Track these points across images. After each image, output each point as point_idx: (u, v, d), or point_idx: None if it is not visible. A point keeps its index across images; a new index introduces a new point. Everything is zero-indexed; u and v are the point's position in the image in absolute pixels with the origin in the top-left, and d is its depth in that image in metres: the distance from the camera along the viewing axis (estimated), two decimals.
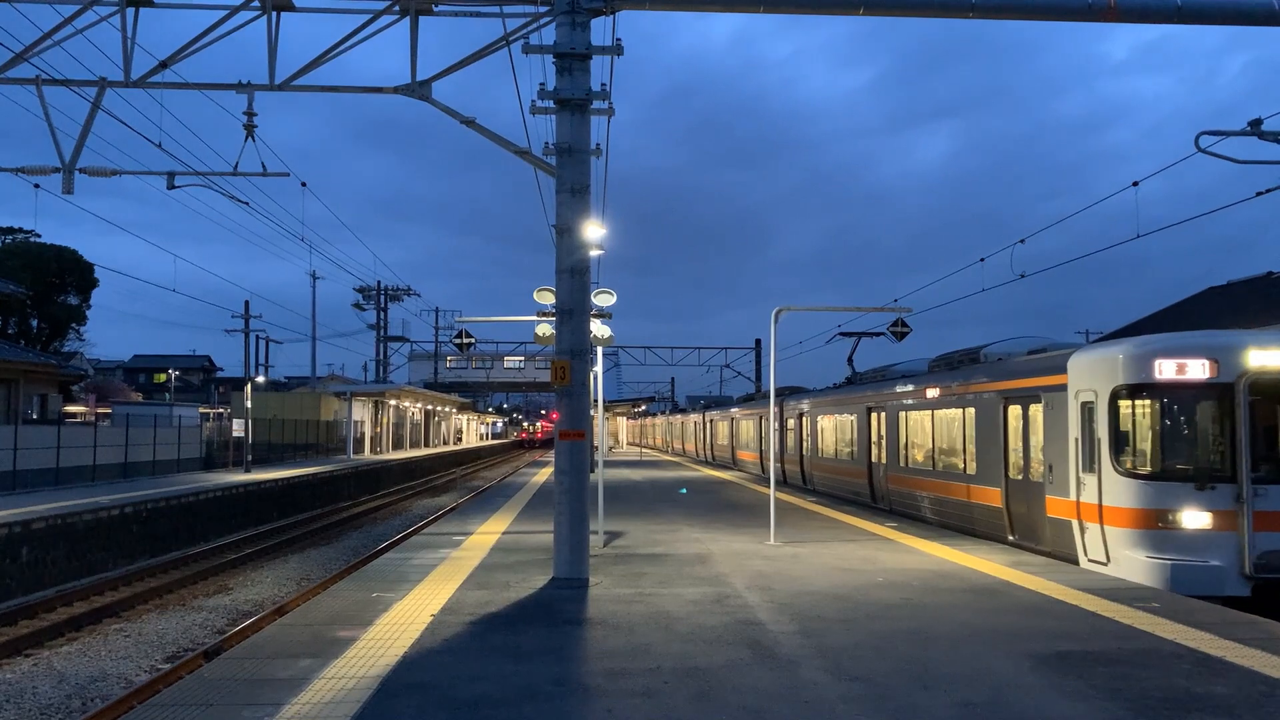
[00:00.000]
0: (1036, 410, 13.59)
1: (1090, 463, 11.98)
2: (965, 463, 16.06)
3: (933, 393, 17.67)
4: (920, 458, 18.64)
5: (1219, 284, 29.45)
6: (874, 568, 12.20)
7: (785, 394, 32.47)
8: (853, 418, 22.98)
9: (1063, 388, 12.73)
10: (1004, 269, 19.53)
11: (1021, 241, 19.38)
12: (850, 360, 26.37)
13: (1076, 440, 12.27)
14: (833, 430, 25.21)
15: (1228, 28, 11.64)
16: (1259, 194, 13.89)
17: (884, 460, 20.48)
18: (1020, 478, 14.13)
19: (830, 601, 9.92)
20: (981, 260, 21.64)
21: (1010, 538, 14.30)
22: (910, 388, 19.19)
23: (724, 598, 10.12)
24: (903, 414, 19.38)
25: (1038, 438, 13.52)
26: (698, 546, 14.24)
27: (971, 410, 15.79)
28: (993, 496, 14.97)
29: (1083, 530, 12.15)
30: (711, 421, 48.93)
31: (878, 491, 21.08)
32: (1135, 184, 15.62)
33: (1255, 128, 12.83)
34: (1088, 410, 12.10)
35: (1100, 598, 10.04)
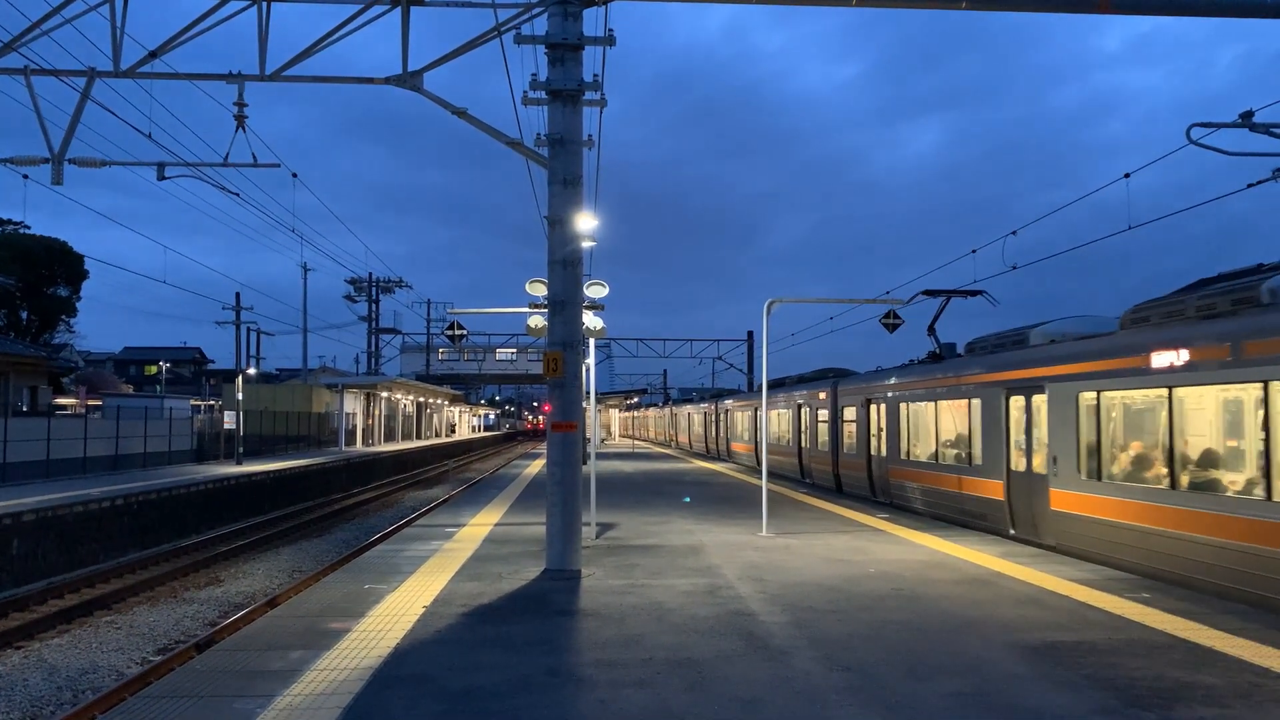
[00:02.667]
0: None
1: None
2: (1272, 478, 9.46)
3: (1166, 358, 10.96)
4: (1123, 468, 12.12)
5: (1209, 276, 29.51)
6: (866, 558, 12.23)
7: (830, 376, 26.55)
8: (967, 404, 16.33)
9: None
10: (996, 261, 19.46)
11: (1014, 233, 19.41)
12: (932, 329, 20.00)
13: None
14: (928, 423, 18.36)
15: (1219, 20, 11.63)
16: (1250, 185, 13.92)
17: (1044, 469, 13.62)
18: None
19: (822, 592, 9.94)
20: (973, 252, 21.69)
21: None
22: (1111, 357, 12.20)
23: (716, 589, 10.14)
24: (1089, 397, 12.57)
25: None
26: (690, 538, 14.26)
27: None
28: None
29: None
30: (727, 412, 42.63)
31: (1025, 516, 14.21)
32: (1126, 176, 15.64)
33: (1246, 120, 12.86)
34: None
35: (1091, 588, 10.08)
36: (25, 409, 33.39)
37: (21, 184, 15.60)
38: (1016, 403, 14.64)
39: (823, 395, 25.77)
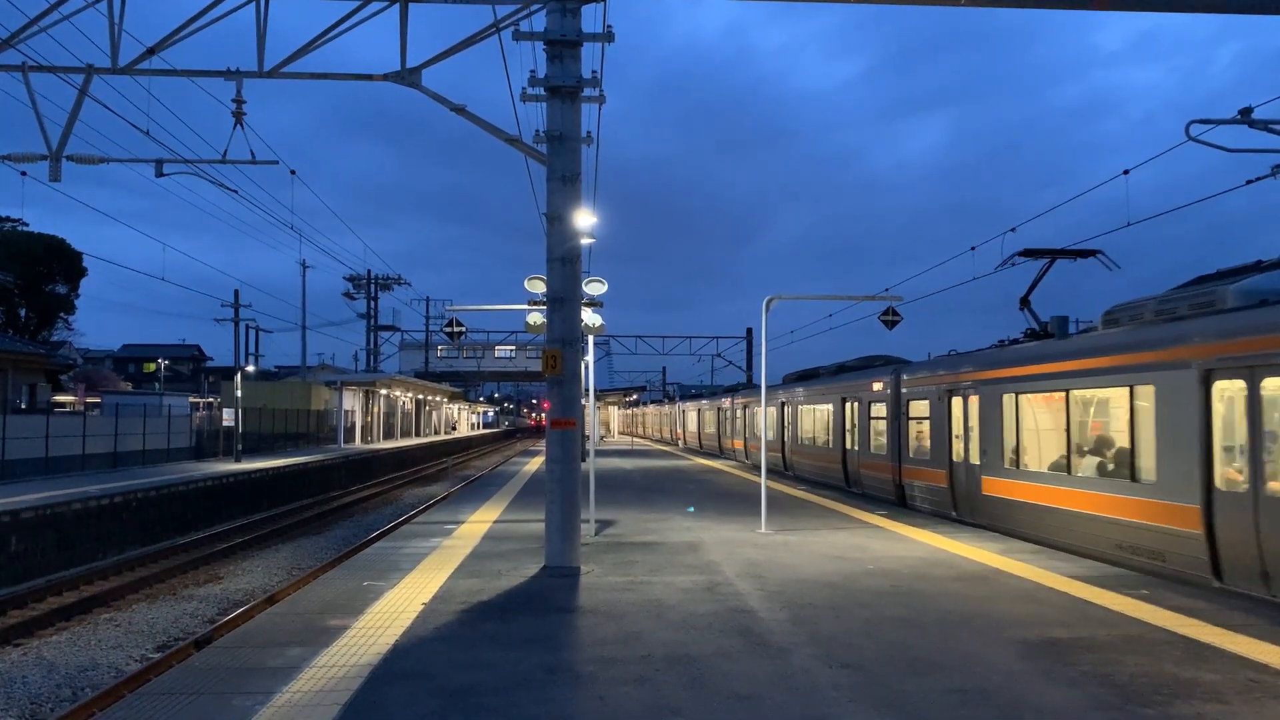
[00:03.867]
0: None
1: None
2: None
3: None
4: None
5: (1208, 273, 29.49)
6: (865, 555, 12.23)
7: (880, 364, 22.99)
8: (1127, 393, 11.92)
9: None
10: (995, 258, 19.38)
11: (1013, 230, 19.38)
12: (1026, 301, 16.33)
13: None
14: (1052, 420, 14.07)
15: (1220, 17, 11.62)
16: (1249, 182, 13.91)
17: None
18: None
19: (821, 589, 9.94)
20: (973, 249, 21.67)
21: None
22: None
23: (715, 586, 10.14)
24: None
25: None
26: (689, 535, 14.26)
27: None
28: None
29: None
30: (744, 407, 37.65)
31: (1243, 559, 9.83)
32: (1126, 172, 15.63)
33: (1245, 116, 12.86)
34: None
35: (1090, 585, 10.08)
36: (24, 406, 33.36)
37: (20, 181, 15.59)
38: (1227, 390, 10.23)
39: (878, 386, 21.26)
